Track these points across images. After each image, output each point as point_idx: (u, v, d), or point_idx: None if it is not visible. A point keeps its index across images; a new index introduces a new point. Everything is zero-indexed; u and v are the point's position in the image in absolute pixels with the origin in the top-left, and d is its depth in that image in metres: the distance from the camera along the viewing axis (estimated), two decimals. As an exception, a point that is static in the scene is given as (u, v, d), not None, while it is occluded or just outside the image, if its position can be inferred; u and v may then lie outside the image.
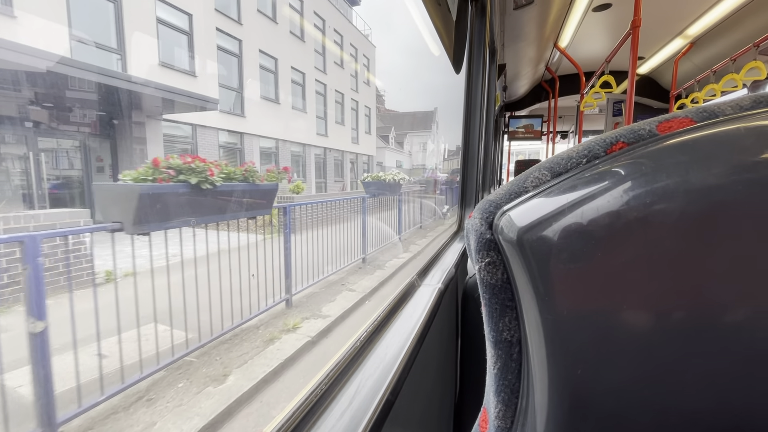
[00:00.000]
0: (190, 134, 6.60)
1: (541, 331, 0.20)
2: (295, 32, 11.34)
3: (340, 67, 14.90)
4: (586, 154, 0.20)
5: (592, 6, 2.64)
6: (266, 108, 9.78)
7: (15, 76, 3.42)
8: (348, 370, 0.49)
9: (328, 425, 0.39)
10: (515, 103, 5.38)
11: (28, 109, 3.73)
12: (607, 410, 0.19)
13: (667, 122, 0.19)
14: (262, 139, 9.51)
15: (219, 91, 7.56)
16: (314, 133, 12.84)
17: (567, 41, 3.26)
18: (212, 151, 7.16)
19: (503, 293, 0.22)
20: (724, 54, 3.10)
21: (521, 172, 0.23)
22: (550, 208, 0.19)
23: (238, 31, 8.28)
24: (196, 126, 6.69)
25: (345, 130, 15.50)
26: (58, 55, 3.40)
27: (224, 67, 8.13)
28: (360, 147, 17.05)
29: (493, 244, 0.22)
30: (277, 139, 10.40)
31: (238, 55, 8.41)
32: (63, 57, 3.50)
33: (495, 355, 0.23)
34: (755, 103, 0.18)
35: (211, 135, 7.24)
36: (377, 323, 0.61)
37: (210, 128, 7.15)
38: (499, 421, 0.24)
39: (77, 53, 4.07)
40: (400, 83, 63.37)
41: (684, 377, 0.17)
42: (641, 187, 0.17)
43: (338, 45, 14.82)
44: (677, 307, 0.17)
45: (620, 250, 0.17)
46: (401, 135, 27.87)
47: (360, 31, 17.23)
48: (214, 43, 7.28)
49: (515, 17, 2.36)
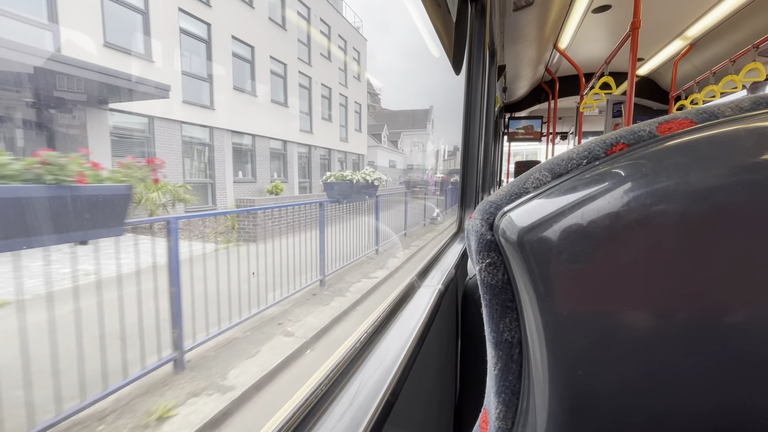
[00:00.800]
0: (146, 127, 5.73)
1: (542, 332, 0.20)
2: (276, 19, 10.43)
3: (327, 59, 13.91)
4: (587, 155, 0.20)
5: (591, 7, 2.64)
6: (240, 100, 8.91)
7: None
8: (348, 371, 0.49)
9: (329, 426, 0.39)
10: (515, 105, 5.39)
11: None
12: (608, 411, 0.19)
13: (667, 123, 0.19)
14: (235, 134, 8.61)
15: (182, 80, 6.72)
16: (297, 129, 11.81)
17: (567, 42, 3.26)
18: (174, 147, 6.30)
19: (504, 294, 0.22)
20: (723, 55, 3.11)
21: (521, 173, 0.23)
22: (551, 209, 0.19)
23: (205, 13, 7.42)
24: (153, 118, 5.80)
25: (333, 127, 14.42)
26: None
27: (189, 54, 7.25)
28: (349, 145, 15.93)
29: (493, 245, 0.22)
30: (253, 135, 9.44)
31: (206, 40, 7.51)
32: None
33: (495, 356, 0.23)
34: (755, 105, 0.18)
35: (173, 129, 6.27)
36: (377, 324, 0.61)
37: (171, 121, 6.24)
38: (500, 422, 0.24)
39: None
40: (394, 81, 63.40)
41: (685, 378, 0.17)
42: (641, 188, 0.17)
43: (325, 36, 13.79)
44: (678, 308, 0.17)
45: (620, 251, 0.17)
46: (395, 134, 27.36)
47: (350, 23, 16.26)
48: (176, 25, 6.47)
49: (515, 18, 2.36)
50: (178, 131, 6.42)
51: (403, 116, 30.11)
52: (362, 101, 17.46)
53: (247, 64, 9.26)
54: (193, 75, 7.39)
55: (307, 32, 12.38)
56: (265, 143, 9.92)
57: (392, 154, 25.52)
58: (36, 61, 3.18)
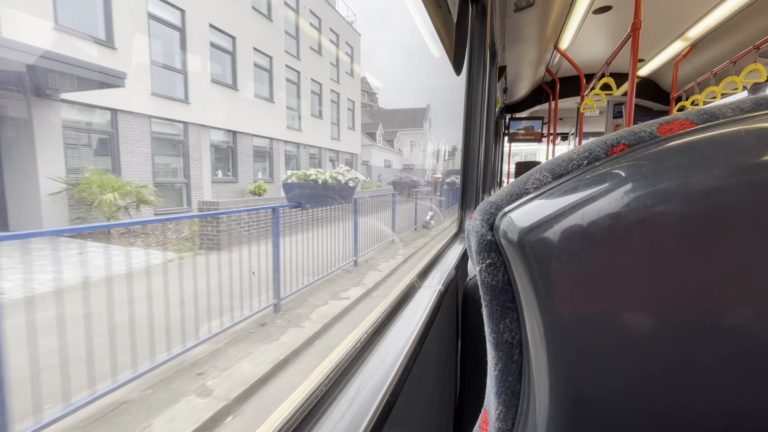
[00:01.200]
0: (108, 121, 5.15)
1: (542, 333, 0.20)
2: (260, 9, 9.76)
3: (318, 53, 13.15)
4: (587, 156, 0.20)
5: (592, 8, 2.65)
6: (220, 94, 8.28)
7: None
8: (348, 372, 0.49)
9: (329, 426, 0.39)
10: (516, 105, 5.40)
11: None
12: (609, 412, 0.19)
13: (668, 124, 0.19)
14: (213, 130, 7.91)
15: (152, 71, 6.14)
16: (284, 126, 11.01)
17: (567, 43, 3.27)
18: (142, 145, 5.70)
19: (504, 294, 0.22)
20: (724, 56, 3.11)
21: (521, 174, 0.23)
22: (551, 210, 0.19)
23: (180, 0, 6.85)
24: (116, 111, 5.21)
25: (324, 124, 13.68)
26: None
27: (161, 42, 6.60)
28: (341, 144, 15.08)
29: (493, 246, 0.22)
30: (234, 132, 8.76)
31: (180, 28, 6.83)
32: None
33: (495, 356, 0.23)
34: (756, 106, 0.18)
35: (140, 123, 5.72)
36: (377, 325, 0.61)
37: (138, 115, 5.67)
38: (500, 423, 0.24)
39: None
40: (394, 81, 63.30)
41: (686, 379, 0.17)
42: (642, 188, 0.17)
43: (315, 29, 12.95)
44: (678, 309, 0.17)
45: (621, 251, 0.17)
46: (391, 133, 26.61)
47: (343, 17, 15.45)
48: (144, 10, 5.92)
49: (516, 19, 2.36)
50: (147, 126, 5.82)
51: (399, 115, 29.50)
52: (356, 98, 16.59)
53: (228, 56, 8.57)
54: (165, 65, 6.71)
55: (295, 24, 11.58)
56: (248, 141, 9.24)
57: (388, 154, 24.92)
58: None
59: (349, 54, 16.16)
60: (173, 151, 6.92)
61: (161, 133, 6.48)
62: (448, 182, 12.99)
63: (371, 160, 21.47)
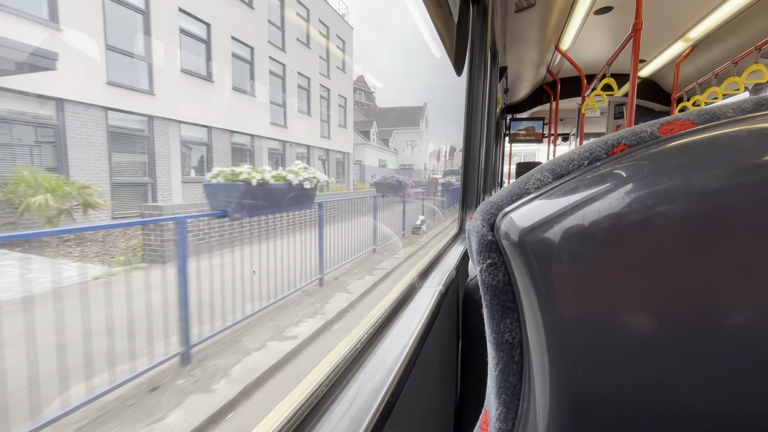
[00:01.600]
0: (52, 113, 4.51)
1: (543, 333, 0.20)
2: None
3: (306, 46, 12.31)
4: (588, 156, 0.20)
5: (593, 9, 2.64)
6: (191, 86, 7.49)
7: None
8: (348, 372, 0.49)
9: (329, 427, 0.39)
10: (516, 106, 5.39)
11: None
12: (609, 413, 0.19)
13: (669, 124, 0.19)
14: (184, 125, 7.11)
15: (107, 56, 5.45)
16: (267, 122, 10.18)
17: (568, 44, 3.26)
18: (95, 140, 5.05)
19: (504, 295, 0.22)
20: (725, 57, 3.10)
21: (522, 175, 0.23)
22: (552, 210, 0.19)
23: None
24: (63, 101, 4.55)
25: (312, 121, 12.85)
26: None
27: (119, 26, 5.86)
28: (332, 142, 14.26)
29: (494, 246, 0.22)
30: (208, 127, 7.93)
31: (144, 11, 6.15)
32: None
33: (496, 357, 0.23)
34: (757, 106, 0.18)
35: (93, 116, 5.06)
36: (378, 325, 0.61)
37: (89, 106, 5.01)
38: (501, 423, 0.23)
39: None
40: (393, 81, 63.20)
41: (686, 379, 0.17)
42: (643, 189, 0.17)
43: (303, 19, 12.11)
44: (679, 309, 0.17)
45: (622, 251, 0.17)
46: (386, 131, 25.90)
47: (334, 9, 14.70)
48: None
49: (517, 20, 2.37)
50: (102, 120, 5.18)
51: (395, 113, 28.54)
52: (347, 95, 15.63)
53: (202, 44, 7.81)
54: (124, 51, 5.92)
55: (280, 13, 10.80)
56: (224, 137, 8.41)
57: (382, 153, 24.22)
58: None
59: (340, 48, 15.30)
60: (136, 147, 6.17)
61: (121, 128, 5.75)
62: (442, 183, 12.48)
63: (365, 159, 20.83)
